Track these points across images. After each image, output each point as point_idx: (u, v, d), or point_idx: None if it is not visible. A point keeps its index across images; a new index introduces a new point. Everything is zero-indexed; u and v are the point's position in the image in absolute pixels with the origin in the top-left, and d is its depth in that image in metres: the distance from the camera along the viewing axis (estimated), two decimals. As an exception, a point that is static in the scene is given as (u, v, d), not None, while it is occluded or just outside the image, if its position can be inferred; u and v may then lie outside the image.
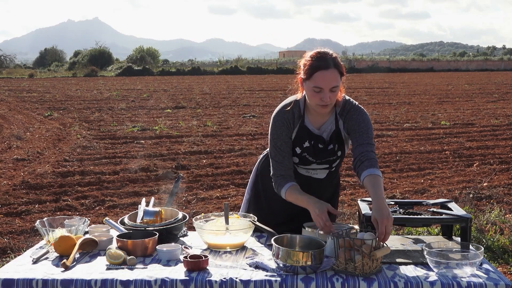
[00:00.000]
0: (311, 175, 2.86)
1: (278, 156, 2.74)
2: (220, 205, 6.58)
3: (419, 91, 25.20)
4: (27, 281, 2.14)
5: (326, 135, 2.74)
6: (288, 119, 2.72)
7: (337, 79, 2.57)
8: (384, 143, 11.00)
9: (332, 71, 2.55)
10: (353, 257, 2.19)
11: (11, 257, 4.70)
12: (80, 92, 25.10)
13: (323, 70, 2.54)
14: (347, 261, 2.19)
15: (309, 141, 2.73)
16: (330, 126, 2.74)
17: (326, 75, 2.54)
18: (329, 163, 2.81)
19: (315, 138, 2.73)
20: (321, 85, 2.54)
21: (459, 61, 66.84)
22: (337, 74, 2.57)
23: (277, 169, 2.75)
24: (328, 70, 2.54)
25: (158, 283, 2.13)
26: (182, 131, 12.54)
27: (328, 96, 2.56)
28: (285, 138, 2.73)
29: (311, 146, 2.73)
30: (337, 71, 2.57)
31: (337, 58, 2.61)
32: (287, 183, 2.70)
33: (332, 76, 2.55)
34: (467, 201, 6.54)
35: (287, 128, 2.73)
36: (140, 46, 66.91)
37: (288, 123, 2.72)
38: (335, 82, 2.56)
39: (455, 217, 2.46)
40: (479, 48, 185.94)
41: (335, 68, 2.56)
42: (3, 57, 58.57)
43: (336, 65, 2.57)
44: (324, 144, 2.73)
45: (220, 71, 49.01)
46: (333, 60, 2.57)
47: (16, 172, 8.42)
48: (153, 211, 2.75)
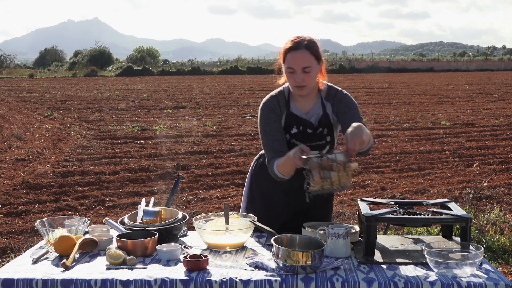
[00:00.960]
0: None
1: (268, 142, 2.75)
2: (220, 205, 6.58)
3: (419, 91, 25.20)
4: (27, 281, 2.14)
5: (314, 119, 2.77)
6: (274, 106, 2.78)
7: (308, 60, 2.64)
8: (384, 143, 11.00)
9: (302, 51, 2.63)
10: (327, 175, 2.32)
11: (11, 257, 4.70)
12: (80, 92, 25.10)
13: (293, 51, 2.64)
14: (323, 179, 2.31)
15: (297, 127, 2.76)
16: (318, 111, 2.78)
17: (296, 55, 2.63)
18: (319, 149, 2.77)
19: (303, 123, 2.76)
20: (292, 65, 2.64)
21: (459, 61, 66.82)
22: (309, 55, 2.64)
23: (269, 155, 2.74)
24: (298, 51, 2.63)
25: (158, 283, 2.13)
26: (182, 131, 12.54)
27: (301, 77, 2.64)
28: (274, 124, 2.76)
29: (299, 131, 2.76)
30: (309, 52, 2.64)
31: (311, 42, 2.67)
32: (276, 160, 2.67)
33: (302, 56, 2.63)
34: (467, 201, 6.54)
35: (275, 115, 2.76)
36: (140, 46, 66.92)
37: (275, 109, 2.77)
38: (306, 62, 2.63)
39: (455, 217, 2.46)
40: (479, 48, 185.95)
41: (306, 50, 2.64)
42: (3, 57, 58.57)
43: (308, 47, 2.64)
44: (312, 129, 2.76)
45: (220, 71, 49.01)
46: (305, 42, 2.65)
47: (16, 172, 8.42)
48: (153, 211, 2.75)
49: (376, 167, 8.86)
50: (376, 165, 8.96)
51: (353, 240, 2.55)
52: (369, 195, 6.99)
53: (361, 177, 8.12)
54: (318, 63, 2.69)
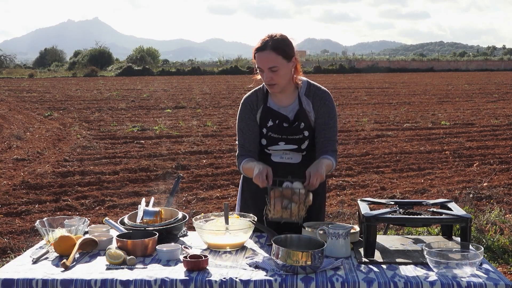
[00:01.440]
0: (284, 160, 2.87)
1: (240, 139, 2.90)
2: (220, 205, 6.59)
3: (419, 91, 25.20)
4: (27, 281, 2.14)
5: (291, 115, 2.83)
6: (251, 102, 2.88)
7: (274, 60, 2.68)
8: (384, 143, 11.00)
9: (268, 52, 2.68)
10: (288, 206, 2.49)
11: (11, 257, 4.70)
12: (80, 92, 25.10)
13: (259, 52, 2.71)
14: (283, 210, 2.50)
15: (273, 120, 2.83)
16: (295, 106, 2.84)
17: (262, 56, 2.70)
18: (297, 143, 2.82)
19: (279, 117, 2.83)
20: (259, 65, 2.73)
21: (459, 61, 66.80)
22: (274, 55, 2.68)
23: (240, 151, 2.90)
24: (264, 51, 2.69)
25: (158, 283, 2.13)
26: (182, 131, 12.54)
27: (270, 76, 2.71)
28: (247, 121, 2.87)
29: (275, 125, 2.82)
30: (275, 52, 2.68)
31: (279, 41, 2.71)
32: (246, 158, 2.83)
33: (267, 57, 2.68)
34: (467, 201, 6.54)
35: (250, 111, 2.87)
36: (140, 46, 66.88)
37: (252, 105, 2.88)
38: (272, 62, 2.68)
39: (455, 217, 2.46)
40: (479, 48, 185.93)
41: (272, 50, 2.68)
42: (3, 57, 58.55)
43: (274, 47, 2.68)
44: (288, 123, 2.82)
45: (220, 71, 49.00)
46: (272, 42, 2.69)
47: (16, 172, 8.42)
48: (153, 211, 2.75)
49: (376, 167, 8.86)
50: (376, 165, 8.96)
51: (353, 240, 2.55)
52: (369, 195, 6.99)
53: (361, 177, 8.13)
54: (288, 61, 2.72)
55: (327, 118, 2.82)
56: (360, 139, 11.42)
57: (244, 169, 2.85)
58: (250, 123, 2.86)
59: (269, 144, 2.85)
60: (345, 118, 14.87)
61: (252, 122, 2.86)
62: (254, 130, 2.86)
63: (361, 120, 14.42)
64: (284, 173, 2.75)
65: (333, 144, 2.83)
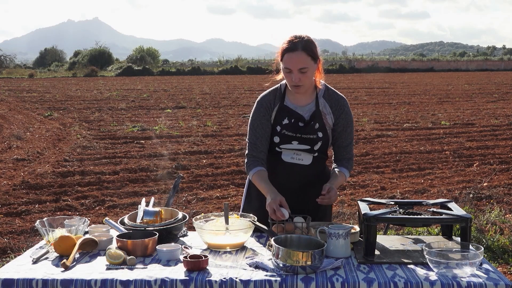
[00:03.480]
0: (295, 161, 2.88)
1: (252, 137, 2.89)
2: (220, 205, 6.58)
3: (419, 91, 25.20)
4: (27, 281, 2.14)
5: (307, 115, 2.85)
6: (268, 100, 2.90)
7: (304, 61, 2.71)
8: (384, 143, 11.00)
9: (299, 53, 2.70)
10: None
11: (11, 257, 4.70)
12: (80, 92, 25.10)
13: (290, 52, 2.71)
14: None
15: (289, 119, 2.84)
16: (312, 107, 2.87)
17: (293, 57, 2.70)
18: (310, 144, 2.84)
19: (295, 116, 2.84)
20: (289, 66, 2.72)
21: (459, 61, 66.81)
22: (305, 56, 2.71)
23: (250, 150, 2.91)
24: (295, 52, 2.70)
25: (158, 283, 2.13)
26: (182, 131, 12.54)
27: (298, 77, 2.72)
28: (262, 119, 2.88)
29: (290, 123, 2.84)
30: (305, 53, 2.71)
31: (308, 42, 2.74)
32: (257, 166, 2.85)
33: (299, 57, 2.70)
34: (467, 201, 6.54)
35: (265, 110, 2.88)
36: (140, 46, 66.86)
37: (268, 104, 2.89)
38: (303, 63, 2.71)
39: (455, 217, 2.46)
40: (479, 48, 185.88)
41: (303, 51, 2.70)
42: (3, 57, 58.54)
43: (304, 48, 2.71)
44: (304, 123, 2.84)
45: (220, 71, 48.99)
46: (302, 43, 2.72)
47: (16, 172, 8.42)
48: (153, 211, 2.75)
49: (376, 167, 8.86)
50: (376, 165, 8.96)
51: (353, 240, 2.55)
52: (369, 195, 6.99)
53: (361, 177, 8.13)
54: (315, 62, 2.77)
55: (345, 125, 2.89)
56: (360, 139, 11.42)
57: (254, 179, 2.86)
58: (264, 122, 2.87)
59: (282, 142, 2.86)
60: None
61: (266, 121, 2.87)
62: (267, 130, 2.87)
63: (361, 120, 14.42)
64: (292, 175, 2.84)
65: (350, 150, 2.96)
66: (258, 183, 2.83)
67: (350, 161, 2.97)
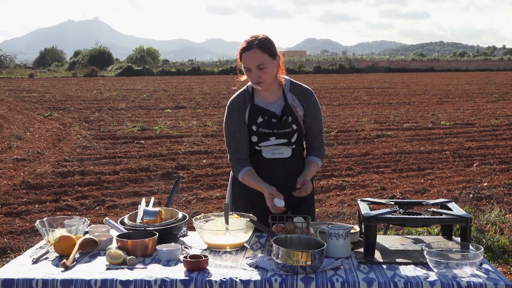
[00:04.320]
0: (276, 156, 2.92)
1: (232, 141, 2.94)
2: (220, 205, 6.58)
3: (419, 91, 25.20)
4: (27, 281, 2.14)
5: (278, 110, 2.91)
6: (238, 103, 2.95)
7: (260, 57, 2.77)
8: (384, 143, 11.00)
9: (255, 51, 2.77)
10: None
11: (11, 257, 4.70)
12: (80, 92, 25.10)
13: (246, 51, 2.79)
14: None
15: (262, 117, 2.90)
16: (281, 102, 2.93)
17: (249, 55, 2.78)
18: (287, 137, 2.89)
19: (267, 113, 2.90)
20: (247, 64, 2.80)
21: (459, 61, 66.81)
22: (261, 53, 2.77)
23: (232, 154, 2.95)
24: (251, 50, 2.78)
25: (158, 283, 2.13)
26: (182, 131, 12.54)
27: (258, 74, 2.79)
28: (236, 122, 2.93)
29: (265, 121, 2.89)
30: (261, 50, 2.77)
31: (263, 40, 2.81)
32: (244, 167, 2.89)
33: (254, 55, 2.77)
34: (467, 201, 6.54)
35: (238, 112, 2.93)
36: (140, 46, 66.91)
37: (239, 106, 2.94)
38: (259, 60, 2.77)
39: (455, 217, 2.46)
40: (479, 48, 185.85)
41: (258, 48, 2.77)
42: (3, 57, 58.56)
43: (259, 45, 2.78)
44: (277, 119, 2.89)
45: (220, 71, 49.00)
46: (257, 42, 2.79)
47: (16, 172, 8.42)
48: (153, 211, 2.75)
49: (376, 167, 8.86)
50: (376, 165, 8.96)
51: (353, 240, 2.55)
52: (369, 195, 6.99)
53: (361, 177, 8.13)
54: (273, 59, 2.82)
55: (314, 115, 2.96)
56: (360, 139, 11.42)
57: (244, 179, 2.89)
58: (239, 124, 2.92)
59: (260, 141, 2.90)
60: (345, 118, 14.87)
61: (241, 123, 2.92)
62: (244, 131, 2.92)
63: (361, 120, 14.42)
64: (274, 171, 2.89)
65: (320, 139, 3.01)
66: (250, 182, 2.86)
67: (321, 149, 3.02)
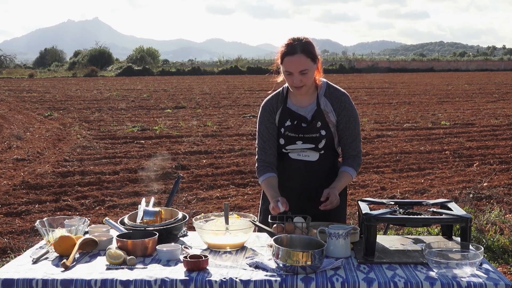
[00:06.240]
0: (302, 158, 2.92)
1: (260, 141, 2.97)
2: (220, 205, 6.58)
3: (419, 91, 25.20)
4: (27, 281, 2.14)
5: (309, 115, 2.90)
6: (271, 104, 2.96)
7: (304, 63, 2.75)
8: (384, 143, 11.00)
9: (299, 56, 2.74)
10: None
11: (11, 257, 4.70)
12: (80, 92, 25.10)
13: (290, 56, 2.75)
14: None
15: (291, 120, 2.90)
16: (313, 106, 2.92)
17: (293, 60, 2.74)
18: (314, 142, 2.87)
19: (297, 118, 2.89)
20: (289, 69, 2.76)
21: (459, 61, 66.81)
22: (305, 58, 2.75)
23: (259, 154, 2.98)
24: (295, 55, 2.74)
25: (158, 283, 2.13)
26: (182, 131, 12.54)
27: (299, 79, 2.77)
28: (266, 123, 2.95)
29: (293, 125, 2.89)
30: (305, 55, 2.75)
31: (307, 44, 2.77)
32: (266, 173, 2.92)
33: (298, 60, 2.74)
34: (467, 201, 6.54)
35: (269, 113, 2.95)
36: (140, 46, 66.86)
37: (271, 107, 2.95)
38: (303, 66, 2.75)
39: (455, 217, 2.46)
40: (479, 48, 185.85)
41: (302, 53, 2.74)
42: (3, 57, 58.54)
43: (303, 50, 2.75)
44: (307, 123, 2.88)
45: (220, 71, 49.00)
46: (301, 46, 2.75)
47: (16, 172, 8.42)
48: (153, 211, 2.75)
49: (376, 167, 8.86)
50: (376, 165, 8.96)
51: (353, 240, 2.55)
52: (369, 195, 6.99)
53: (361, 177, 8.12)
54: (315, 63, 2.81)
55: (347, 122, 2.91)
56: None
57: (263, 184, 2.93)
58: (269, 125, 2.94)
59: (287, 143, 2.92)
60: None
61: (270, 125, 2.94)
62: (273, 133, 2.93)
63: (361, 120, 14.42)
64: (299, 171, 2.89)
65: (355, 147, 2.95)
66: (265, 189, 2.91)
67: (356, 158, 2.95)
